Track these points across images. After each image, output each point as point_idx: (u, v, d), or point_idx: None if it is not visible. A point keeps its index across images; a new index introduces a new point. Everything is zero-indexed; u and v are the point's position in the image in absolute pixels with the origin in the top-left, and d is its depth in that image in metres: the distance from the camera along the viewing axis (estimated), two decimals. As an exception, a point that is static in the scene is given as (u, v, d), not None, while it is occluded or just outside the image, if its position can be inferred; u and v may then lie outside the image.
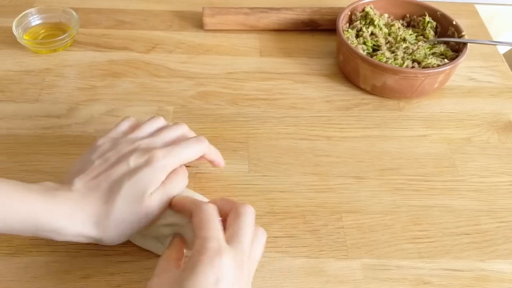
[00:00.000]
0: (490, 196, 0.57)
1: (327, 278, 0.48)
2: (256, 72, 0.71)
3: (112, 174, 0.43)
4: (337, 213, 0.54)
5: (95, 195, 0.42)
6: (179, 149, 0.45)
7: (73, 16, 0.72)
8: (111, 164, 0.44)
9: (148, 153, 0.44)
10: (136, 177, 0.42)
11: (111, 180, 0.43)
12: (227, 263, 0.36)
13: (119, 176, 0.43)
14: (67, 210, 0.41)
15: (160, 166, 0.43)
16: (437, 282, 0.49)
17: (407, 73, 0.63)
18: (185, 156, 0.46)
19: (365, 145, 0.61)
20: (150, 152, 0.44)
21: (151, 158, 0.43)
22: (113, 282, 0.47)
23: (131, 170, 0.43)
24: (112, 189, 0.42)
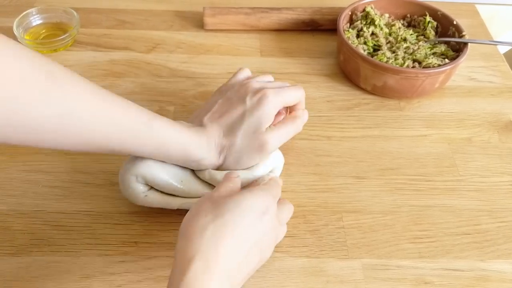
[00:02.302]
0: (491, 196, 0.57)
1: (327, 278, 0.48)
2: (257, 72, 0.70)
3: (233, 113, 0.51)
4: (338, 213, 0.54)
5: (221, 130, 0.50)
6: (285, 89, 0.53)
7: (73, 16, 0.72)
8: (231, 105, 0.52)
9: (260, 92, 0.51)
10: (253, 114, 0.50)
11: (233, 118, 0.51)
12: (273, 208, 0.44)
13: (240, 114, 0.51)
14: (205, 144, 0.49)
15: (271, 103, 0.51)
16: (438, 282, 0.49)
17: (407, 73, 0.63)
18: (289, 98, 0.53)
19: (366, 145, 0.61)
20: (262, 91, 0.51)
21: (263, 97, 0.51)
22: (113, 282, 0.47)
23: (248, 109, 0.51)
24: (234, 125, 0.50)
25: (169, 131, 0.47)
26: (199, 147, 0.49)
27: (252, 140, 0.50)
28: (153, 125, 0.46)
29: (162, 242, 0.50)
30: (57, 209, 0.52)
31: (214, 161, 0.50)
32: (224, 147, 0.50)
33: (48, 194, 0.53)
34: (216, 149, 0.50)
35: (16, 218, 0.51)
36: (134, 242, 0.50)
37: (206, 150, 0.49)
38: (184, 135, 0.48)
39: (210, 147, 0.50)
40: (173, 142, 0.47)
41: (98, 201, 0.53)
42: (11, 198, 0.53)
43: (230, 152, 0.50)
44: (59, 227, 0.51)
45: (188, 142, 0.48)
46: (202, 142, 0.49)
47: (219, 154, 0.50)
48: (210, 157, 0.50)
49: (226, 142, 0.50)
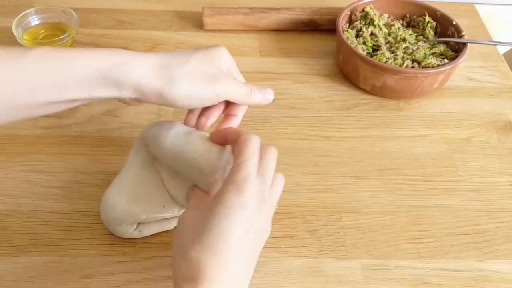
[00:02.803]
0: (490, 196, 0.57)
1: (326, 278, 0.48)
2: (255, 72, 0.71)
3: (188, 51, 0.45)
4: (337, 213, 0.54)
5: (167, 55, 0.43)
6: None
7: (72, 16, 0.72)
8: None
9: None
10: (205, 52, 0.45)
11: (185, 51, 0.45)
12: (252, 189, 0.37)
13: (195, 50, 0.45)
14: (136, 54, 0.42)
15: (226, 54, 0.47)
16: (437, 282, 0.49)
17: (407, 73, 0.63)
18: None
19: (365, 145, 0.61)
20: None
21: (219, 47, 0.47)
22: (112, 282, 0.47)
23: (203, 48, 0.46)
24: (186, 53, 0.44)
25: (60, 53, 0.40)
26: (130, 57, 0.41)
27: (206, 66, 0.44)
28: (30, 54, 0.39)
29: (160, 242, 0.50)
30: (55, 209, 0.52)
31: (152, 80, 0.41)
32: (170, 65, 0.42)
33: (46, 194, 0.53)
34: (158, 64, 0.42)
35: (15, 218, 0.51)
36: (133, 242, 0.50)
37: (140, 61, 0.41)
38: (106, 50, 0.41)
39: (148, 60, 0.42)
40: (84, 55, 0.40)
41: (96, 201, 0.53)
42: (9, 198, 0.53)
43: (178, 72, 0.42)
44: (57, 227, 0.51)
45: (111, 53, 0.41)
46: (137, 54, 0.42)
47: (161, 72, 0.42)
48: (146, 71, 0.41)
49: (174, 61, 0.43)
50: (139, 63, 0.41)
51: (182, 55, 0.44)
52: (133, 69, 0.41)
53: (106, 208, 0.48)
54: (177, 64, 0.42)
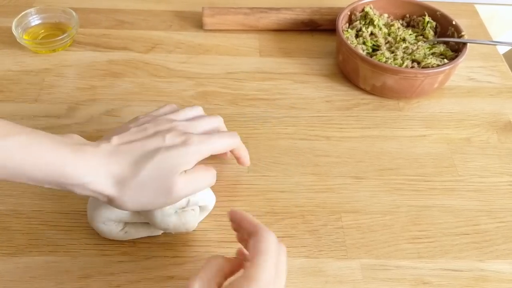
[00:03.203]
0: (490, 196, 0.57)
1: (326, 278, 0.48)
2: (255, 72, 0.71)
3: (146, 144, 0.43)
4: (337, 213, 0.54)
5: (124, 157, 0.42)
6: (213, 139, 0.46)
7: (72, 16, 0.72)
8: (147, 136, 0.44)
9: (184, 136, 0.45)
10: (170, 153, 0.43)
11: (145, 149, 0.43)
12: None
13: (154, 147, 0.43)
14: (93, 165, 0.41)
15: (194, 150, 0.44)
16: (437, 282, 0.49)
17: (406, 73, 0.63)
18: (218, 146, 0.47)
19: (365, 145, 0.61)
20: (187, 135, 0.45)
21: (187, 141, 0.44)
22: (112, 282, 0.47)
23: (166, 146, 0.43)
24: (144, 156, 0.42)
25: (33, 148, 0.39)
26: (81, 168, 0.40)
27: (160, 179, 0.42)
28: (5, 141, 0.38)
29: (160, 242, 0.50)
30: (55, 209, 0.52)
31: (104, 189, 0.41)
32: (124, 177, 0.41)
33: (46, 194, 0.53)
34: (111, 175, 0.41)
35: (15, 218, 0.51)
36: (133, 242, 0.50)
37: (91, 172, 0.41)
38: (60, 152, 0.40)
39: (103, 171, 0.41)
40: (40, 161, 0.39)
41: (96, 201, 0.53)
42: (9, 198, 0.53)
43: (130, 185, 0.41)
44: (57, 227, 0.51)
45: (65, 161, 0.40)
46: (87, 163, 0.41)
47: (114, 183, 0.41)
48: (98, 183, 0.41)
49: (128, 172, 0.42)
50: (93, 179, 0.41)
51: (138, 163, 0.42)
52: (87, 182, 0.41)
53: (90, 208, 0.48)
54: (129, 178, 0.42)
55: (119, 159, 0.42)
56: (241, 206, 0.53)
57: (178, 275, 0.48)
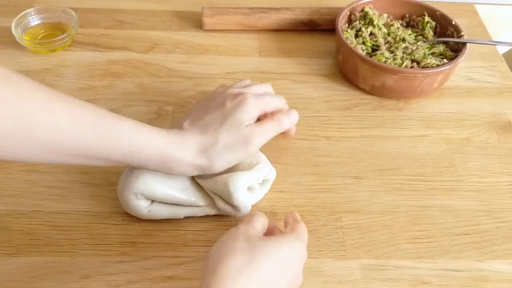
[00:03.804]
0: (489, 196, 0.57)
1: (326, 278, 0.49)
2: (255, 72, 0.71)
3: (213, 115, 0.50)
4: (336, 213, 0.54)
5: (202, 131, 0.49)
6: (266, 97, 0.53)
7: (72, 16, 0.72)
8: (212, 109, 0.51)
9: (241, 95, 0.51)
10: (233, 113, 0.49)
11: (213, 118, 0.50)
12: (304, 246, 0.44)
13: (218, 115, 0.50)
14: (184, 143, 0.48)
15: (251, 105, 0.50)
16: (436, 282, 0.49)
17: (406, 73, 0.63)
18: (270, 104, 0.53)
19: (364, 145, 0.61)
20: (242, 95, 0.51)
21: (243, 99, 0.51)
22: (112, 282, 0.47)
23: (227, 109, 0.50)
24: (215, 124, 0.49)
25: (139, 132, 0.46)
26: (176, 148, 0.47)
27: (235, 135, 0.49)
28: (119, 126, 0.45)
29: (160, 242, 0.50)
30: (55, 209, 0.52)
31: (195, 161, 0.48)
32: (206, 146, 0.48)
33: (46, 194, 0.53)
34: (196, 148, 0.48)
35: (15, 218, 0.51)
36: (132, 242, 0.50)
37: (185, 149, 0.47)
38: (157, 136, 0.46)
39: (189, 147, 0.48)
40: (145, 143, 0.46)
41: (96, 201, 0.53)
42: (10, 198, 0.53)
43: (213, 151, 0.48)
44: (57, 227, 0.51)
45: (162, 143, 0.46)
46: (179, 142, 0.47)
47: (200, 154, 0.48)
48: (189, 158, 0.48)
49: (207, 141, 0.48)
50: (185, 156, 0.47)
51: (213, 131, 0.49)
52: (181, 159, 0.47)
53: (127, 178, 0.49)
54: (211, 145, 0.48)
55: (198, 135, 0.49)
56: (240, 206, 0.53)
57: (177, 275, 0.48)
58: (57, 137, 0.41)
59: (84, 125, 0.42)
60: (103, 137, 0.43)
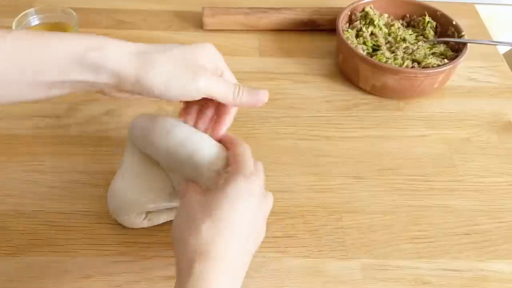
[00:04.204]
0: (490, 196, 0.57)
1: (326, 278, 0.48)
2: (256, 72, 0.71)
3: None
4: (337, 213, 0.54)
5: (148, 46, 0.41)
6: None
7: (72, 16, 0.72)
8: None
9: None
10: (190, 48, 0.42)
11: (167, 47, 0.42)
12: (258, 183, 0.42)
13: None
14: (113, 40, 0.41)
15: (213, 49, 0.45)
16: (436, 282, 0.49)
17: (407, 73, 0.63)
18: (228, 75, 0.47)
19: (365, 145, 0.61)
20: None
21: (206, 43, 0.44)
22: (112, 282, 0.47)
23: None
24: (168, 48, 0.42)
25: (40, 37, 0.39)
26: (107, 42, 0.40)
27: (188, 58, 0.41)
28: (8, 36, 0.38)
29: (160, 242, 0.50)
30: (56, 209, 0.52)
31: (130, 63, 0.40)
32: (149, 51, 0.40)
33: (47, 194, 0.53)
34: (135, 50, 0.40)
35: (15, 218, 0.51)
36: (133, 242, 0.50)
37: (118, 45, 0.40)
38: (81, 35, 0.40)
39: (127, 45, 0.41)
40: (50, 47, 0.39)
41: (96, 201, 0.53)
42: (10, 198, 0.53)
43: (157, 57, 0.40)
44: (58, 227, 0.51)
45: (86, 38, 0.40)
46: (106, 40, 0.41)
47: (138, 55, 0.40)
48: (122, 56, 0.40)
49: (154, 48, 0.41)
50: (115, 48, 0.40)
51: (164, 45, 0.42)
52: (110, 53, 0.40)
53: (114, 200, 0.49)
54: (157, 51, 0.41)
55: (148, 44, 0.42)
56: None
57: (178, 275, 0.48)
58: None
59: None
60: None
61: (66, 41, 0.40)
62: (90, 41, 0.40)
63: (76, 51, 0.39)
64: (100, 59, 0.39)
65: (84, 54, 0.39)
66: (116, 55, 0.40)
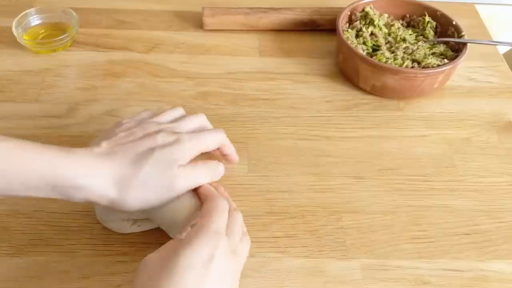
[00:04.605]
0: (490, 196, 0.57)
1: (326, 278, 0.48)
2: (256, 72, 0.71)
3: (139, 145, 0.43)
4: (337, 213, 0.54)
5: (121, 157, 0.42)
6: (202, 136, 0.47)
7: (73, 16, 0.72)
8: (138, 138, 0.44)
9: (175, 135, 0.45)
10: (167, 149, 0.43)
11: (139, 149, 0.43)
12: (222, 245, 0.38)
13: (148, 148, 0.43)
14: (88, 165, 0.40)
15: (188, 147, 0.44)
16: (436, 282, 0.49)
17: (407, 73, 0.63)
18: (208, 143, 0.47)
19: (365, 145, 0.61)
20: (177, 134, 0.45)
21: (179, 139, 0.44)
22: (113, 282, 0.47)
23: (160, 145, 0.43)
24: (142, 155, 0.42)
25: (21, 153, 0.38)
26: (74, 168, 0.39)
27: (161, 174, 0.42)
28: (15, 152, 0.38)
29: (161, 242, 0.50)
30: (56, 209, 0.52)
31: (106, 192, 0.41)
32: (124, 177, 0.41)
33: (47, 194, 0.53)
34: (109, 176, 0.41)
35: (15, 218, 0.51)
36: (133, 242, 0.50)
37: (85, 172, 0.40)
38: (49, 154, 0.39)
39: (100, 172, 0.40)
40: (30, 166, 0.38)
41: (97, 201, 0.53)
42: (10, 198, 0.53)
43: (132, 184, 0.41)
44: (58, 227, 0.51)
45: (55, 162, 0.39)
46: (80, 163, 0.40)
47: (114, 184, 0.41)
48: (99, 186, 0.40)
49: (128, 171, 0.41)
50: (91, 181, 0.40)
51: (135, 161, 0.42)
52: (84, 184, 0.40)
53: (98, 208, 0.49)
54: (129, 177, 0.41)
55: (115, 161, 0.41)
56: (241, 206, 0.53)
57: (178, 275, 0.48)
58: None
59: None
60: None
61: (37, 164, 0.38)
62: (63, 169, 0.39)
63: (48, 178, 0.39)
64: (74, 190, 0.40)
65: (56, 183, 0.39)
66: (90, 186, 0.40)
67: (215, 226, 0.39)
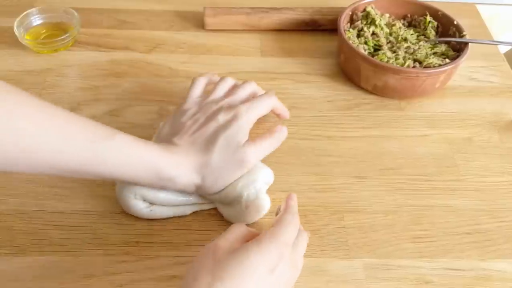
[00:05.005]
0: (491, 195, 0.57)
1: (329, 277, 0.49)
2: (257, 72, 0.71)
3: (205, 131, 0.49)
4: (339, 212, 0.54)
5: (195, 148, 0.48)
6: (256, 104, 0.52)
7: (74, 16, 0.72)
8: (202, 123, 0.50)
9: (233, 110, 0.50)
10: (228, 130, 0.48)
11: (206, 135, 0.49)
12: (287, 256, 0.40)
13: (213, 131, 0.49)
14: (179, 161, 0.46)
15: (245, 120, 0.50)
16: (438, 281, 0.49)
17: (408, 72, 0.64)
18: (262, 110, 0.53)
19: (366, 145, 0.61)
20: (234, 109, 0.50)
21: (237, 114, 0.50)
22: (115, 282, 0.47)
23: (221, 125, 0.49)
24: (209, 142, 0.48)
25: (135, 147, 0.44)
26: (172, 165, 0.46)
27: (230, 155, 0.48)
28: (114, 141, 0.43)
29: (163, 241, 0.50)
30: (58, 209, 0.52)
31: (191, 180, 0.47)
32: (201, 164, 0.47)
33: (49, 194, 0.54)
34: (192, 166, 0.47)
35: (17, 218, 0.51)
36: (136, 241, 0.50)
37: (180, 168, 0.46)
38: (153, 152, 0.45)
39: (185, 165, 0.47)
40: (141, 159, 0.44)
41: (99, 201, 0.53)
42: (12, 198, 0.53)
43: (208, 170, 0.47)
44: (60, 227, 0.51)
45: (158, 159, 0.45)
46: (175, 158, 0.46)
47: (196, 172, 0.47)
48: (185, 176, 0.47)
49: (203, 159, 0.47)
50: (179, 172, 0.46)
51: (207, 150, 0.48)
52: (177, 176, 0.46)
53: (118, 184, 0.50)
54: (206, 164, 0.47)
55: (191, 152, 0.47)
56: (243, 205, 0.53)
57: (181, 274, 0.48)
58: (50, 154, 0.40)
59: (78, 145, 0.41)
60: (96, 153, 0.42)
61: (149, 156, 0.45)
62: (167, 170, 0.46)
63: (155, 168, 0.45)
64: (172, 183, 0.47)
65: (161, 176, 0.46)
66: (183, 184, 0.47)
67: (286, 237, 0.41)
